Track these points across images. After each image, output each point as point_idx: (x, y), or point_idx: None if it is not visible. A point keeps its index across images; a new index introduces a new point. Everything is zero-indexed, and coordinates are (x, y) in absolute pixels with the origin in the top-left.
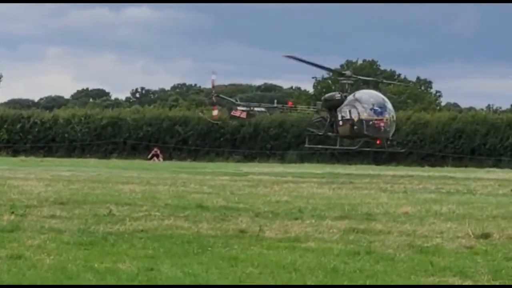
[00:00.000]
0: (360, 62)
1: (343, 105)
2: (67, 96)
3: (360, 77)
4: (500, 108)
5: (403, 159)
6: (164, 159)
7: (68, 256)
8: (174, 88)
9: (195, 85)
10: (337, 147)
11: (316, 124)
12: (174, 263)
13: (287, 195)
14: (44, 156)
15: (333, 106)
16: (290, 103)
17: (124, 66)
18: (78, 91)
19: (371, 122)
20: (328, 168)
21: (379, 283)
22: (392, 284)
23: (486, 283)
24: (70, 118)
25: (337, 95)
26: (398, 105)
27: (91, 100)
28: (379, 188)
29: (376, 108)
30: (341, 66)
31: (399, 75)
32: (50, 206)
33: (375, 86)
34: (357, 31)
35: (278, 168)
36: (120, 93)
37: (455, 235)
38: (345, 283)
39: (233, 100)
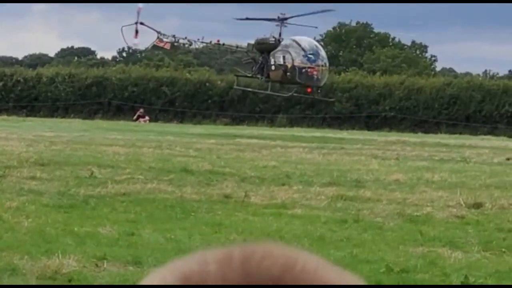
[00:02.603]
0: (353, 24)
1: (276, 50)
2: (51, 54)
3: (288, 18)
4: (497, 74)
5: (396, 125)
6: (150, 120)
7: (47, 219)
8: (162, 47)
9: (184, 45)
10: (269, 92)
11: (244, 66)
12: (156, 228)
13: (275, 160)
14: (27, 115)
15: (266, 50)
16: (217, 40)
17: (110, 24)
18: (63, 49)
19: (304, 70)
20: (318, 133)
21: (366, 252)
22: (379, 252)
23: (476, 254)
24: (54, 76)
25: (271, 39)
26: (392, 69)
27: (76, 58)
28: (371, 155)
29: (309, 55)
30: (333, 28)
31: (393, 38)
32: (30, 167)
33: None
34: None
35: (267, 131)
36: (106, 52)
37: (446, 204)
38: (332, 251)
39: (158, 31)
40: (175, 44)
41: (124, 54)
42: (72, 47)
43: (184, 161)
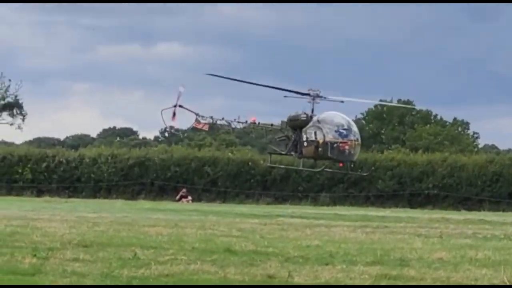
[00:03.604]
0: (394, 102)
1: (308, 126)
2: (93, 134)
3: (325, 97)
4: None
5: (439, 203)
6: (193, 200)
7: None
8: (200, 129)
9: (222, 126)
10: (300, 168)
11: (279, 143)
12: None
13: (319, 239)
14: (69, 196)
15: (298, 126)
16: (253, 119)
17: (152, 104)
18: (105, 130)
19: (335, 145)
20: (362, 211)
21: None
22: None
23: None
24: (96, 157)
25: (303, 115)
26: (434, 147)
27: (118, 139)
28: (414, 233)
29: (341, 130)
30: (375, 106)
31: (435, 115)
32: (73, 248)
33: None
34: (393, 70)
35: (310, 210)
36: (148, 132)
37: (490, 282)
38: None
39: (196, 113)
40: (213, 125)
41: (166, 134)
42: (114, 127)
43: (227, 241)
